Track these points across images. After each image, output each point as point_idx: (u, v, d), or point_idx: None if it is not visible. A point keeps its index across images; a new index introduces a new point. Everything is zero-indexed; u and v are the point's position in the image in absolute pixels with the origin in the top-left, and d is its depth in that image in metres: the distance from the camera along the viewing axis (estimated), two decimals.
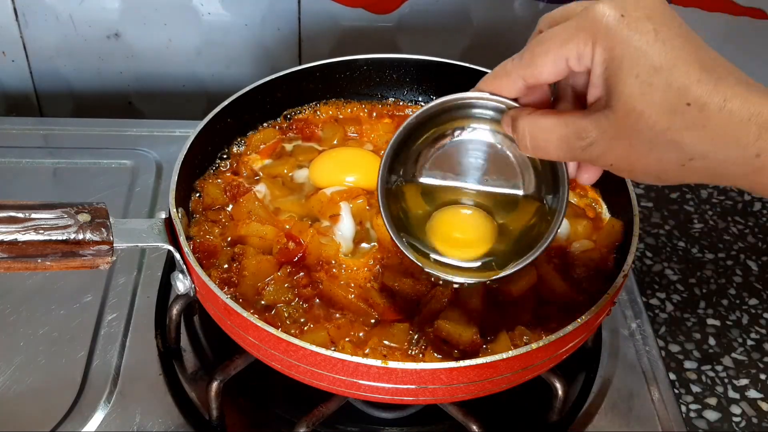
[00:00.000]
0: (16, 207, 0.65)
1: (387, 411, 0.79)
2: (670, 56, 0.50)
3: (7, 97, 1.23)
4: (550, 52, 0.54)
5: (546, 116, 0.57)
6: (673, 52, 0.50)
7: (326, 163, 0.90)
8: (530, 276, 0.77)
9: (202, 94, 1.24)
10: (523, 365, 0.67)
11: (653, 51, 0.50)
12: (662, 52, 0.50)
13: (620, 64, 0.51)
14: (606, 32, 0.51)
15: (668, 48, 0.50)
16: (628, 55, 0.50)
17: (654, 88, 0.50)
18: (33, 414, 0.76)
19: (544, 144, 0.57)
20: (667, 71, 0.49)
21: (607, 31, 0.51)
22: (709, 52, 0.52)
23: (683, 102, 0.49)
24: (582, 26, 0.52)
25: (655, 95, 0.50)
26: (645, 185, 1.28)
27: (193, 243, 0.78)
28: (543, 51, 0.54)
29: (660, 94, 0.50)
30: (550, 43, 0.54)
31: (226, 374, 0.75)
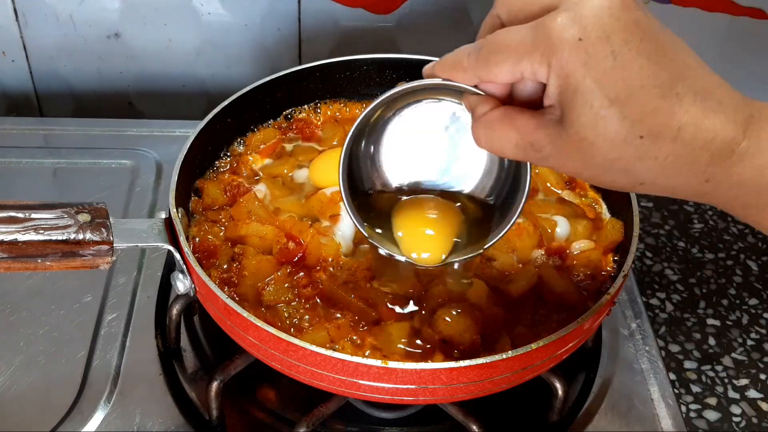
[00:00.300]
0: (16, 207, 0.65)
1: (387, 411, 0.79)
2: (626, 85, 0.47)
3: (7, 97, 1.23)
4: (505, 63, 0.51)
5: (501, 124, 0.55)
6: (630, 79, 0.47)
7: (326, 163, 0.90)
8: (530, 276, 0.77)
9: (202, 94, 1.24)
10: (523, 365, 0.67)
11: (609, 81, 0.47)
12: (618, 80, 0.47)
13: (574, 94, 0.48)
14: (561, 58, 0.48)
15: (626, 74, 0.47)
16: (583, 86, 0.48)
17: (607, 121, 0.48)
18: (33, 414, 0.76)
19: (500, 148, 0.55)
20: (621, 103, 0.47)
21: (562, 58, 0.48)
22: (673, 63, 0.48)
23: (636, 135, 0.48)
24: (537, 45, 0.49)
25: (609, 127, 0.48)
26: None
27: (193, 243, 0.78)
28: (498, 61, 0.52)
29: (613, 126, 0.48)
30: (505, 54, 0.51)
31: (226, 374, 0.75)
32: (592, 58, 0.47)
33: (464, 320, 0.72)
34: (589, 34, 0.47)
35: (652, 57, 0.48)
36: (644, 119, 0.47)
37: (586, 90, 0.48)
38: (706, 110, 0.48)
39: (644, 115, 0.47)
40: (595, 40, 0.47)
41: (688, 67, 0.49)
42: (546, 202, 0.88)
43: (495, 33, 0.52)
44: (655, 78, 0.47)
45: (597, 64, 0.47)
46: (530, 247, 0.81)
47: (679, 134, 0.48)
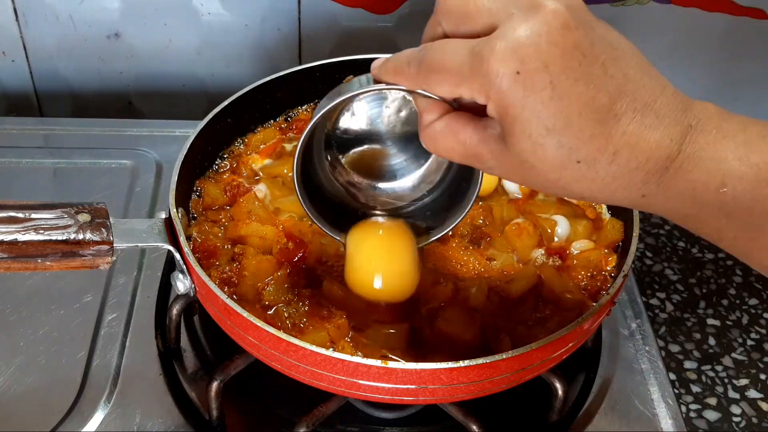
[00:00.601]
0: (16, 207, 0.65)
1: (387, 411, 0.79)
2: (564, 114, 0.47)
3: (7, 97, 1.23)
4: (444, 84, 0.51)
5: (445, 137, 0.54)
6: (568, 108, 0.47)
7: None
8: (530, 276, 0.77)
9: (202, 94, 1.24)
10: (523, 365, 0.67)
11: (547, 112, 0.47)
12: (556, 111, 0.47)
13: (513, 124, 0.48)
14: (499, 93, 0.48)
15: (564, 104, 0.47)
16: (521, 118, 0.48)
17: (545, 149, 0.48)
18: (33, 414, 0.76)
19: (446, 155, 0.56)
20: (558, 132, 0.48)
21: (500, 92, 0.48)
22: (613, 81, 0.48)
23: (573, 160, 0.48)
24: (475, 75, 0.48)
25: (547, 154, 0.49)
26: None
27: (193, 243, 0.78)
28: (437, 80, 0.51)
29: (551, 153, 0.48)
30: (444, 75, 0.51)
31: (226, 374, 0.75)
32: (529, 90, 0.47)
33: (464, 320, 0.72)
34: (527, 65, 0.46)
35: (591, 80, 0.47)
36: (581, 146, 0.48)
37: (524, 120, 0.48)
38: (643, 128, 0.48)
39: (581, 142, 0.48)
40: (533, 72, 0.47)
41: (628, 80, 0.49)
42: (546, 201, 0.88)
43: (435, 45, 0.52)
44: (593, 102, 0.47)
45: (535, 96, 0.47)
46: (530, 247, 0.81)
47: (615, 158, 0.48)
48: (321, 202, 0.71)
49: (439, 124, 0.54)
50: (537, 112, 0.47)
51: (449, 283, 0.76)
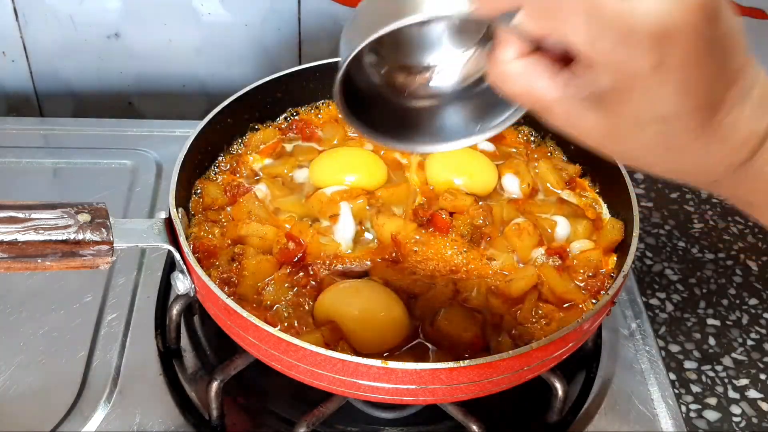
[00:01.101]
0: (16, 207, 0.65)
1: (387, 411, 0.79)
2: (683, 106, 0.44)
3: (7, 97, 1.23)
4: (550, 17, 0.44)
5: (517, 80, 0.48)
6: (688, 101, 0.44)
7: (326, 163, 0.90)
8: (530, 276, 0.77)
9: (202, 94, 1.24)
10: (523, 365, 0.67)
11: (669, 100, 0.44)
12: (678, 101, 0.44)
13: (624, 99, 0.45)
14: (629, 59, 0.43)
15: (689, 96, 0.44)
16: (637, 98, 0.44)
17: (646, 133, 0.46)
18: (33, 414, 0.76)
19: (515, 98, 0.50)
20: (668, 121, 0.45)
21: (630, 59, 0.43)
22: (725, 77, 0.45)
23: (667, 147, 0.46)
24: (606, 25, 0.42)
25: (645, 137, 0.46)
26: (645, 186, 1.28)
27: (193, 243, 0.78)
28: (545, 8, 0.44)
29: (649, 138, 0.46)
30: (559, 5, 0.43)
31: (226, 374, 0.75)
32: (663, 71, 0.42)
33: (464, 320, 0.72)
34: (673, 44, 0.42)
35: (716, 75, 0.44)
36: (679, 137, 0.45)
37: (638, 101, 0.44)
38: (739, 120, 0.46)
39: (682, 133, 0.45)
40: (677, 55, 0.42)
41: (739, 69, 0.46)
42: (546, 202, 0.88)
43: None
44: (708, 96, 0.44)
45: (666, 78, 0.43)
46: (530, 247, 0.81)
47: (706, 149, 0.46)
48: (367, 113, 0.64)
49: (515, 66, 0.48)
50: (658, 97, 0.43)
51: (449, 283, 0.76)
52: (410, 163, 0.92)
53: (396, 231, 0.80)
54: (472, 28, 0.62)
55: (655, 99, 0.43)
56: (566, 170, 0.91)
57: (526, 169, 0.90)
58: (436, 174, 0.89)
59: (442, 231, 0.82)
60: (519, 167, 0.90)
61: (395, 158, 0.93)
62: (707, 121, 0.45)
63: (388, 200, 0.86)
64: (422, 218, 0.83)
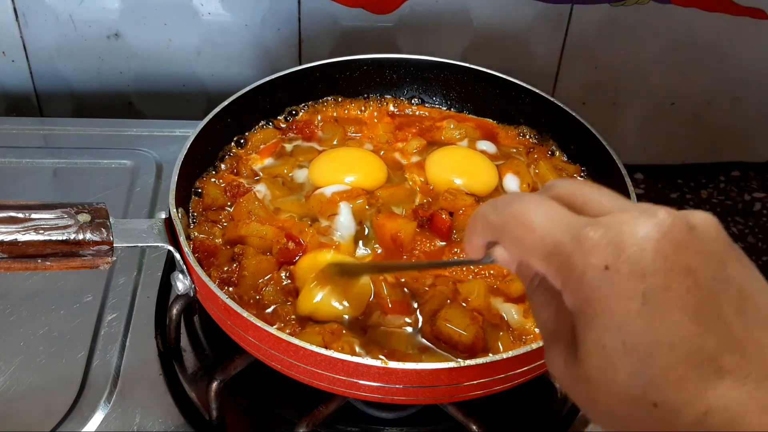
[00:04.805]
0: (16, 207, 0.65)
1: (387, 411, 0.79)
2: (650, 338, 0.38)
3: (7, 97, 1.22)
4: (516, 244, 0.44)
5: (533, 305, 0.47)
6: (657, 332, 0.38)
7: (326, 163, 0.90)
8: None
9: (202, 94, 1.24)
10: (523, 365, 0.67)
11: (629, 326, 0.38)
12: (642, 330, 0.38)
13: (587, 327, 0.40)
14: (579, 283, 0.40)
15: (654, 325, 0.38)
16: (597, 322, 0.39)
17: (617, 371, 0.39)
18: (33, 414, 0.76)
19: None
20: (639, 357, 0.38)
21: (580, 283, 0.40)
22: (728, 330, 0.38)
23: (650, 400, 0.38)
24: (558, 252, 0.41)
25: (618, 378, 0.39)
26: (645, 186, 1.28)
27: (193, 243, 0.78)
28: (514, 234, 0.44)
29: (623, 380, 0.39)
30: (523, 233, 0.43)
31: (226, 374, 0.75)
32: (615, 292, 0.39)
33: (464, 320, 0.72)
34: (621, 264, 0.38)
35: (698, 316, 0.38)
36: (662, 386, 0.38)
37: (600, 325, 0.39)
38: (751, 399, 0.37)
39: (664, 381, 0.38)
40: (626, 273, 0.38)
41: (749, 338, 0.38)
42: None
43: (533, 197, 0.44)
44: (693, 341, 0.38)
45: (620, 302, 0.38)
46: None
47: (704, 420, 0.37)
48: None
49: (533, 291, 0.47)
50: (618, 323, 0.39)
51: (449, 283, 0.76)
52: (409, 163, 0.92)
53: (396, 231, 0.80)
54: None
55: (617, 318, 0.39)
56: (566, 170, 0.91)
57: (527, 169, 0.90)
58: (436, 174, 0.89)
59: (442, 231, 0.82)
60: (519, 167, 0.90)
61: (395, 158, 0.93)
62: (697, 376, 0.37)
63: (388, 200, 0.86)
64: (422, 218, 0.83)
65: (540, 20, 1.15)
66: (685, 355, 0.37)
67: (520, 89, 0.96)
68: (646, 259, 0.38)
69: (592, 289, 0.39)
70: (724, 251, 0.40)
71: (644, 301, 0.38)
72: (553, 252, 0.41)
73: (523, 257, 0.44)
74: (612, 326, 0.39)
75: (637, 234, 0.39)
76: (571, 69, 1.21)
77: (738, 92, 1.25)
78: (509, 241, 0.44)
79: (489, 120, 1.00)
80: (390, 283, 0.76)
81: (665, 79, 1.23)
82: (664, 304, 0.38)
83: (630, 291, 0.38)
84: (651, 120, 1.28)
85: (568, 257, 0.40)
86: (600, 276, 0.39)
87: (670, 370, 0.38)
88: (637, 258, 0.38)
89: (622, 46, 1.18)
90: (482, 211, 0.47)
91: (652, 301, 0.38)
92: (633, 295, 0.38)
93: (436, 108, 1.02)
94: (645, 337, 0.38)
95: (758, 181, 1.29)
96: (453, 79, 1.00)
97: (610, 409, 0.40)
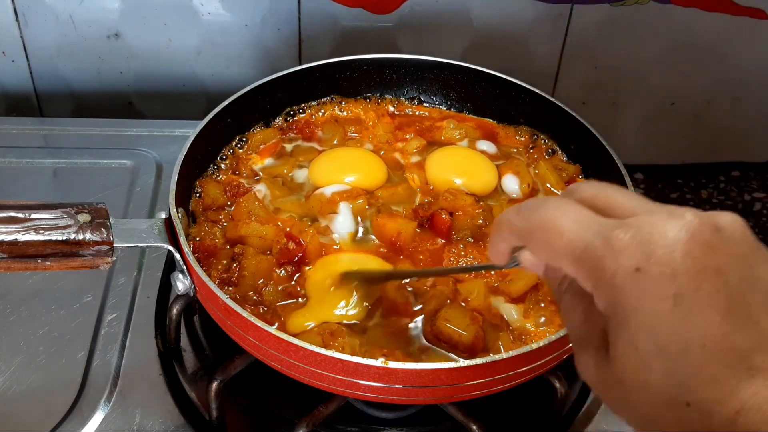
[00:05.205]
0: (16, 207, 0.65)
1: (387, 411, 0.79)
2: (683, 338, 0.38)
3: (7, 97, 1.22)
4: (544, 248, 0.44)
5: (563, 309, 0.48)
6: (690, 332, 0.38)
7: (326, 163, 0.90)
8: (530, 276, 0.77)
9: (202, 94, 1.24)
10: (523, 365, 0.67)
11: (662, 327, 0.39)
12: (674, 330, 0.38)
13: (618, 329, 0.40)
14: (610, 286, 0.40)
15: (686, 325, 0.38)
16: (630, 323, 0.40)
17: (650, 372, 0.39)
18: (33, 414, 0.76)
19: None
20: (672, 358, 0.38)
21: (611, 286, 0.40)
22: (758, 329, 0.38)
23: (682, 400, 0.38)
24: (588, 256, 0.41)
25: (651, 379, 0.39)
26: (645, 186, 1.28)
27: (193, 243, 0.78)
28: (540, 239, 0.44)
29: (656, 381, 0.39)
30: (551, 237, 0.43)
31: (226, 374, 0.75)
32: (647, 294, 0.39)
33: (464, 320, 0.72)
34: (652, 265, 0.39)
35: (729, 316, 0.38)
36: (696, 386, 0.38)
37: (633, 327, 0.40)
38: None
39: (698, 381, 0.38)
40: (656, 274, 0.39)
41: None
42: None
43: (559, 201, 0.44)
44: (725, 341, 0.38)
45: (653, 303, 0.39)
46: None
47: (736, 419, 0.37)
48: None
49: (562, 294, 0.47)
50: (650, 324, 0.39)
51: (449, 283, 0.76)
52: (409, 163, 0.92)
53: (396, 231, 0.80)
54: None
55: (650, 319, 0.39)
56: (566, 170, 0.91)
57: (526, 169, 0.90)
58: (436, 174, 0.89)
59: (442, 231, 0.82)
60: (519, 167, 0.90)
61: (395, 158, 0.93)
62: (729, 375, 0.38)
63: (388, 200, 0.86)
64: (422, 218, 0.83)
65: (540, 20, 1.15)
66: (718, 355, 0.38)
67: (520, 89, 0.96)
68: (675, 260, 0.39)
69: (624, 290, 0.40)
70: (751, 252, 0.40)
71: (676, 301, 0.39)
72: (583, 255, 0.41)
73: (552, 261, 0.44)
74: (644, 327, 0.39)
75: (666, 236, 0.39)
76: (571, 69, 1.21)
77: (738, 92, 1.25)
78: (537, 246, 0.44)
79: (489, 120, 1.00)
80: (394, 284, 0.76)
81: (665, 79, 1.23)
82: (695, 305, 0.38)
83: (661, 292, 0.39)
84: (651, 120, 1.28)
85: (599, 260, 0.40)
86: (631, 277, 0.39)
87: (702, 369, 0.38)
88: (667, 259, 0.39)
89: (622, 46, 1.18)
90: (507, 218, 0.47)
91: (683, 301, 0.38)
92: (664, 296, 0.39)
93: (436, 108, 1.02)
94: (677, 337, 0.38)
95: (758, 181, 1.29)
96: (453, 79, 1.00)
97: (643, 410, 0.40)
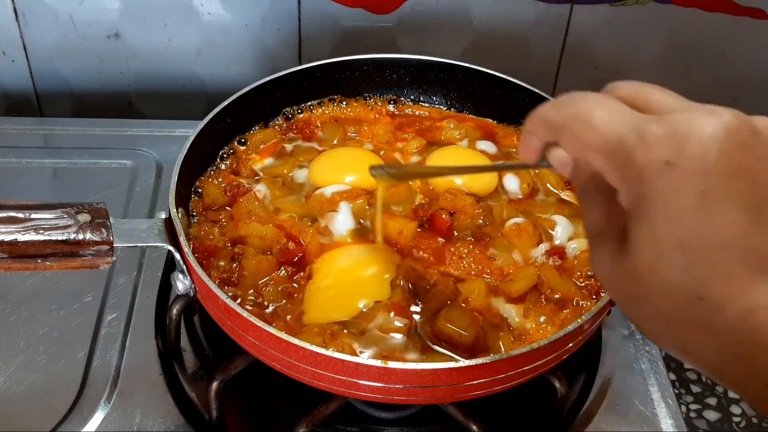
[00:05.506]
0: (16, 207, 0.65)
1: (387, 411, 0.79)
2: (705, 234, 0.38)
3: (7, 97, 1.22)
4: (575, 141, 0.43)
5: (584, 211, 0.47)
6: (712, 230, 0.38)
7: (326, 163, 0.90)
8: (530, 276, 0.77)
9: (202, 94, 1.24)
10: (523, 365, 0.67)
11: (686, 222, 0.38)
12: (697, 225, 0.38)
13: (640, 220, 0.40)
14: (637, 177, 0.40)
15: (709, 222, 0.38)
16: (653, 216, 0.39)
17: (668, 266, 0.39)
18: (33, 414, 0.76)
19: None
20: (691, 252, 0.39)
21: (638, 177, 0.40)
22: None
23: (696, 294, 0.39)
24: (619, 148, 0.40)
25: (668, 273, 0.40)
26: None
27: (193, 243, 0.78)
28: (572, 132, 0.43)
29: (673, 274, 0.39)
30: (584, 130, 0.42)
31: (226, 374, 0.75)
32: (674, 188, 0.39)
33: (465, 320, 0.72)
34: (683, 161, 0.39)
35: (755, 217, 0.38)
36: (711, 282, 0.39)
37: (655, 219, 0.40)
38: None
39: (713, 276, 0.39)
40: (686, 169, 0.38)
41: None
42: (546, 202, 0.88)
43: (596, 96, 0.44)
44: (746, 241, 0.38)
45: (679, 198, 0.39)
46: (530, 247, 0.81)
47: (746, 317, 0.38)
48: None
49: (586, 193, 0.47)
50: (674, 218, 0.39)
51: (449, 284, 0.76)
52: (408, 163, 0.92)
53: (397, 230, 0.80)
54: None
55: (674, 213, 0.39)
56: None
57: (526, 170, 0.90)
58: None
59: (442, 231, 0.82)
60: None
61: (395, 158, 0.93)
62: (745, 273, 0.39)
63: (388, 200, 0.86)
64: (422, 218, 0.83)
65: (540, 20, 1.15)
66: (737, 254, 0.38)
67: (520, 89, 0.96)
68: (709, 158, 0.38)
69: (651, 182, 0.39)
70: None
71: (702, 198, 0.38)
72: (615, 148, 0.41)
73: (583, 155, 0.43)
74: (667, 221, 0.39)
75: (703, 132, 0.39)
76: (571, 69, 1.21)
77: (738, 92, 1.25)
78: (569, 139, 0.43)
79: (489, 120, 1.00)
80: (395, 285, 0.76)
81: (665, 79, 1.22)
82: (722, 203, 0.38)
83: (690, 187, 0.38)
84: None
85: (630, 152, 0.40)
86: (660, 170, 0.39)
87: (720, 266, 0.38)
88: (700, 156, 0.38)
89: (622, 46, 1.18)
90: (542, 111, 0.46)
91: (710, 198, 0.38)
92: (692, 191, 0.38)
93: (436, 108, 1.02)
94: (699, 233, 0.38)
95: None
96: (453, 79, 1.00)
97: (654, 304, 0.41)
